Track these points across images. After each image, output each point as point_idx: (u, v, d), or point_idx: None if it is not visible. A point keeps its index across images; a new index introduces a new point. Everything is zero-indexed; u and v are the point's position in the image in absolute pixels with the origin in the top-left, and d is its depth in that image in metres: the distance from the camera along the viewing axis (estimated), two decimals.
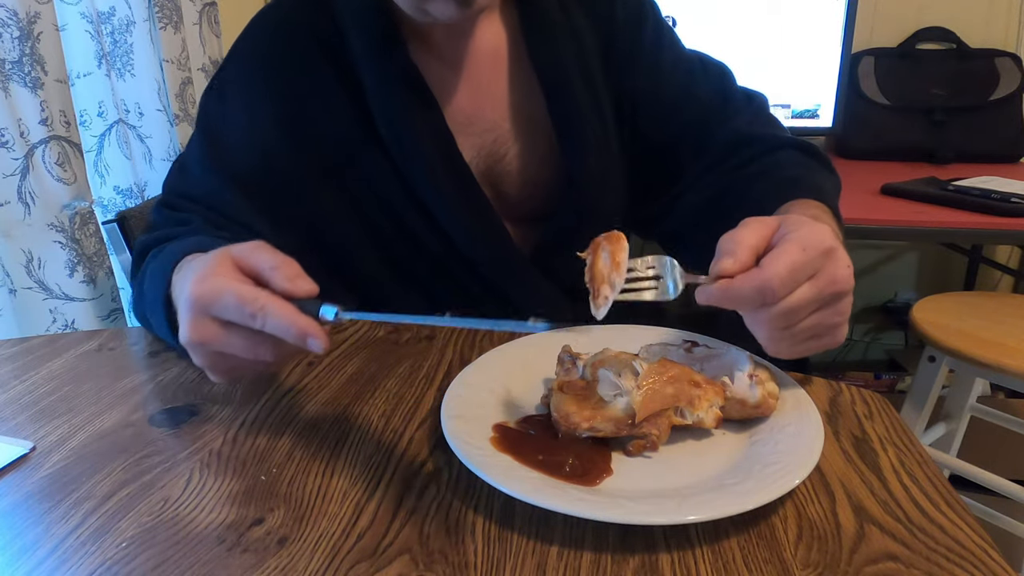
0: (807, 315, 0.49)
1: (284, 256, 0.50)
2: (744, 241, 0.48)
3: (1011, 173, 1.60)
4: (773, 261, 0.47)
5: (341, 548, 0.44)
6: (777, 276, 0.46)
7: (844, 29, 1.69)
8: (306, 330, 0.46)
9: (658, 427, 0.50)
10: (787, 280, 0.46)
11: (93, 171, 1.25)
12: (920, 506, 0.47)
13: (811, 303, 0.48)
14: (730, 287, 0.47)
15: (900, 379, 2.11)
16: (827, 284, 0.48)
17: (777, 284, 0.46)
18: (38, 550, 0.44)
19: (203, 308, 0.48)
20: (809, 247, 0.47)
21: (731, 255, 0.48)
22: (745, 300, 0.47)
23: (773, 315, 0.47)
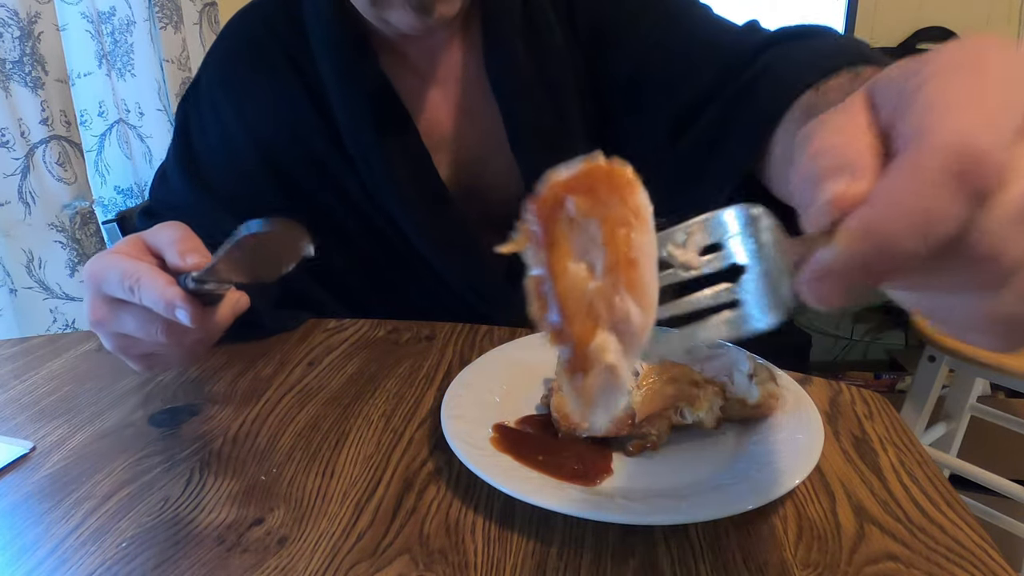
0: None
1: (186, 232, 0.48)
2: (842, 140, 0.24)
3: None
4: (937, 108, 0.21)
5: (341, 548, 0.44)
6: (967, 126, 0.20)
7: (844, 29, 1.69)
8: (173, 300, 0.44)
9: (658, 427, 0.51)
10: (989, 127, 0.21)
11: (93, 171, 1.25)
12: (920, 506, 0.47)
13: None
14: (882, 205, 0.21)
15: (900, 379, 2.11)
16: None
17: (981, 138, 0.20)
18: (38, 550, 0.44)
19: (96, 285, 0.48)
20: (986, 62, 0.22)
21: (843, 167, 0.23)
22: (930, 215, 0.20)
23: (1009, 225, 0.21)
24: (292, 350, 0.70)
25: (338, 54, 0.70)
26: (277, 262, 0.42)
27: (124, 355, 0.52)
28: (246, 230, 0.38)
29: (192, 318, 0.44)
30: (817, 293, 0.22)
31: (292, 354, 0.69)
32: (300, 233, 0.40)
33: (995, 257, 0.21)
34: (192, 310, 0.44)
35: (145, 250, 0.49)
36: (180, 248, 0.47)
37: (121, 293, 0.46)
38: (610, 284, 0.21)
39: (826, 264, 0.22)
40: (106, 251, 0.49)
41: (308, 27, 0.72)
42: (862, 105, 0.25)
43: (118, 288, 0.46)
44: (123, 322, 0.48)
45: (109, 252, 0.48)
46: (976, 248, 0.21)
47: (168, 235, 0.48)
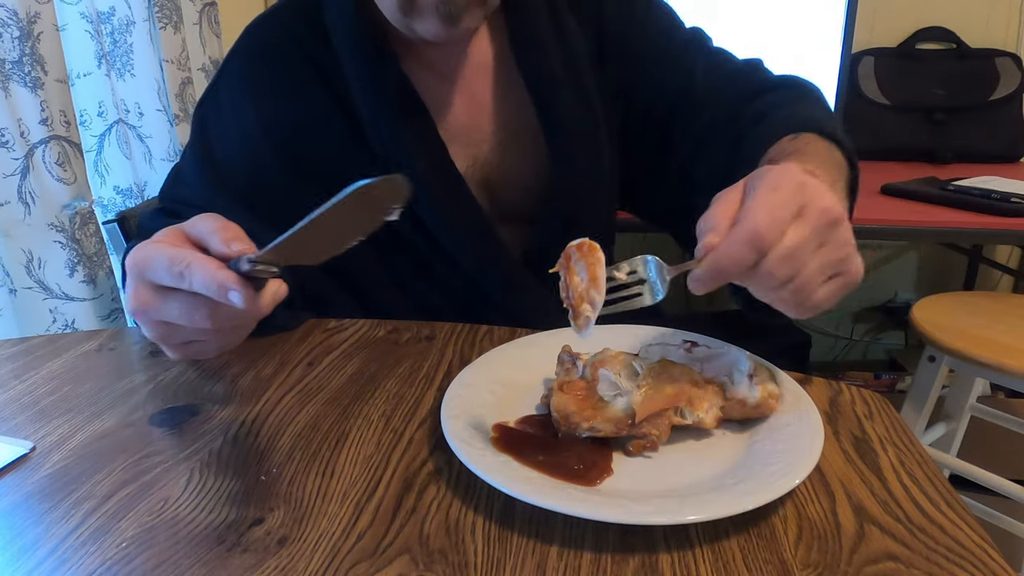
0: (811, 255, 0.45)
1: (227, 222, 0.49)
2: (718, 214, 0.46)
3: (1011, 173, 1.60)
4: (750, 211, 0.44)
5: (341, 548, 0.44)
6: (759, 220, 0.43)
7: (844, 29, 1.69)
8: (225, 282, 0.45)
9: (658, 427, 0.51)
10: (770, 221, 0.43)
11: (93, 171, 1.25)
12: (920, 506, 0.47)
13: (808, 240, 0.44)
14: (717, 253, 0.44)
15: (900, 379, 2.11)
16: (816, 215, 0.44)
17: (762, 227, 0.43)
18: (38, 550, 0.44)
19: (139, 274, 0.48)
20: (780, 186, 0.45)
21: (711, 230, 0.45)
22: (737, 260, 0.43)
23: (775, 266, 0.44)
24: (292, 350, 0.70)
25: (360, 56, 0.73)
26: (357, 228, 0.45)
27: (164, 343, 0.52)
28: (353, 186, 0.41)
29: (245, 300, 0.45)
30: (693, 287, 0.46)
31: (292, 354, 0.69)
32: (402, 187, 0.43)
33: (773, 277, 0.44)
34: (245, 292, 0.45)
35: (186, 240, 0.49)
36: (224, 236, 0.47)
37: (168, 279, 0.47)
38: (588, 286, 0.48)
39: (697, 275, 0.45)
40: (147, 241, 0.49)
41: (330, 29, 0.74)
42: (741, 189, 0.47)
43: (165, 274, 0.47)
44: (167, 309, 0.48)
45: (151, 242, 0.49)
46: (763, 272, 0.44)
47: (208, 225, 0.49)
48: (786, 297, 0.46)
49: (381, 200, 0.43)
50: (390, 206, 0.44)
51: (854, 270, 0.47)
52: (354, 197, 0.41)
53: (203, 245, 0.48)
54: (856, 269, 0.47)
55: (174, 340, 0.52)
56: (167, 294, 0.48)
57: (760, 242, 0.43)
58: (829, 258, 0.46)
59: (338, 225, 0.44)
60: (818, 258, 0.45)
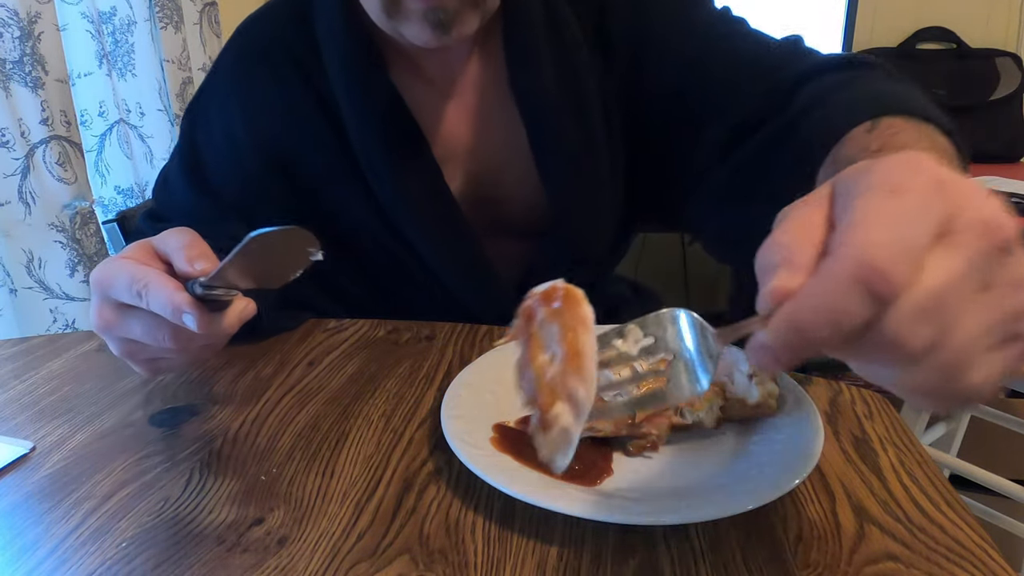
0: (969, 303, 0.26)
1: (194, 238, 0.48)
2: (792, 239, 0.28)
3: (1011, 173, 1.60)
4: (854, 229, 0.26)
5: (341, 548, 0.44)
6: (874, 245, 0.25)
7: (844, 29, 1.69)
8: (180, 306, 0.44)
9: (658, 427, 0.50)
10: (894, 246, 0.25)
11: (94, 171, 1.25)
12: (920, 506, 0.47)
13: (964, 278, 0.26)
14: (798, 305, 0.26)
15: None
16: (976, 236, 0.26)
17: (882, 257, 0.25)
18: (38, 550, 0.44)
19: (103, 291, 0.48)
20: (904, 187, 0.27)
21: (782, 265, 0.28)
22: (836, 314, 0.26)
23: (908, 325, 0.26)
24: (292, 350, 0.70)
25: (349, 66, 0.70)
26: (285, 267, 0.43)
27: (130, 360, 0.52)
28: (253, 234, 0.39)
29: (199, 324, 0.44)
30: (758, 361, 0.28)
31: (292, 354, 0.69)
32: (308, 238, 0.41)
33: (901, 345, 0.26)
34: (199, 316, 0.44)
35: (153, 255, 0.49)
36: (188, 254, 0.47)
37: (128, 298, 0.46)
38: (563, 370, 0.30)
39: (761, 342, 0.28)
40: (114, 256, 0.49)
41: (320, 38, 0.71)
42: (825, 199, 0.30)
43: (126, 293, 0.46)
44: (130, 327, 0.48)
45: (117, 258, 0.48)
46: (884, 337, 0.26)
47: (176, 240, 0.48)
48: (926, 380, 0.27)
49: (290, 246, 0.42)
50: (306, 249, 0.42)
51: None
52: (256, 244, 0.40)
53: (169, 261, 0.48)
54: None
55: (140, 356, 0.51)
56: (130, 312, 0.48)
57: (880, 283, 0.25)
58: (998, 310, 0.27)
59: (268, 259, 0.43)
60: (980, 311, 0.27)
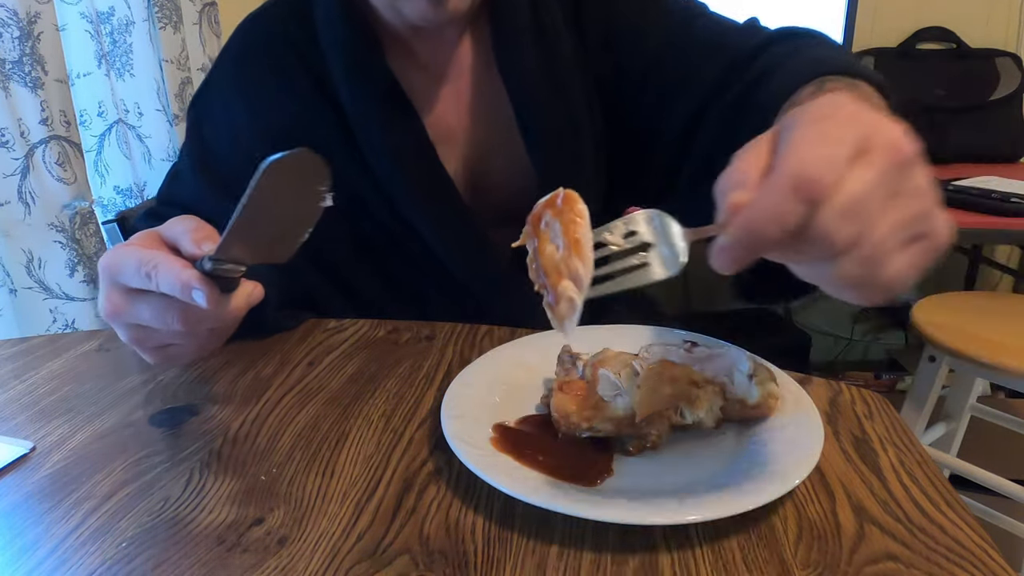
0: (881, 207, 0.32)
1: (201, 222, 0.49)
2: (744, 167, 0.35)
3: (1011, 173, 1.60)
4: (790, 150, 0.33)
5: (341, 548, 0.44)
6: (806, 159, 0.32)
7: (844, 29, 1.69)
8: (189, 282, 0.45)
9: (658, 427, 0.51)
10: (821, 159, 0.32)
11: (93, 171, 1.25)
12: (920, 506, 0.47)
13: (876, 186, 0.32)
14: (751, 211, 0.32)
15: (900, 379, 2.11)
16: (885, 152, 0.33)
17: (812, 168, 0.31)
18: (38, 550, 0.44)
19: (111, 277, 0.48)
20: (829, 115, 0.34)
21: (737, 186, 0.34)
22: (779, 216, 0.32)
23: (834, 222, 0.32)
24: (292, 350, 0.70)
25: (347, 53, 0.72)
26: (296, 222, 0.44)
27: (139, 347, 0.52)
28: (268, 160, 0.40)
29: (208, 300, 0.45)
30: (719, 262, 0.34)
31: (292, 354, 0.69)
32: (319, 164, 0.42)
33: (830, 240, 0.32)
34: (209, 291, 0.45)
35: (160, 242, 0.49)
36: (195, 236, 0.47)
37: (137, 282, 0.47)
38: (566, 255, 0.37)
39: (721, 244, 0.34)
40: (121, 244, 0.49)
41: (318, 27, 0.73)
42: (770, 136, 0.36)
43: (135, 276, 0.47)
44: (139, 312, 0.48)
45: (124, 245, 0.49)
46: (817, 233, 0.32)
47: (182, 226, 0.49)
48: (851, 271, 0.33)
49: (301, 179, 0.42)
50: (316, 187, 0.43)
51: (940, 229, 0.34)
52: (268, 175, 0.41)
53: (176, 246, 0.49)
54: (942, 228, 0.34)
55: (149, 343, 0.52)
56: (138, 296, 0.48)
57: (810, 189, 0.31)
58: (906, 212, 0.33)
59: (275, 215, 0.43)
60: (892, 212, 0.33)
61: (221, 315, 0.47)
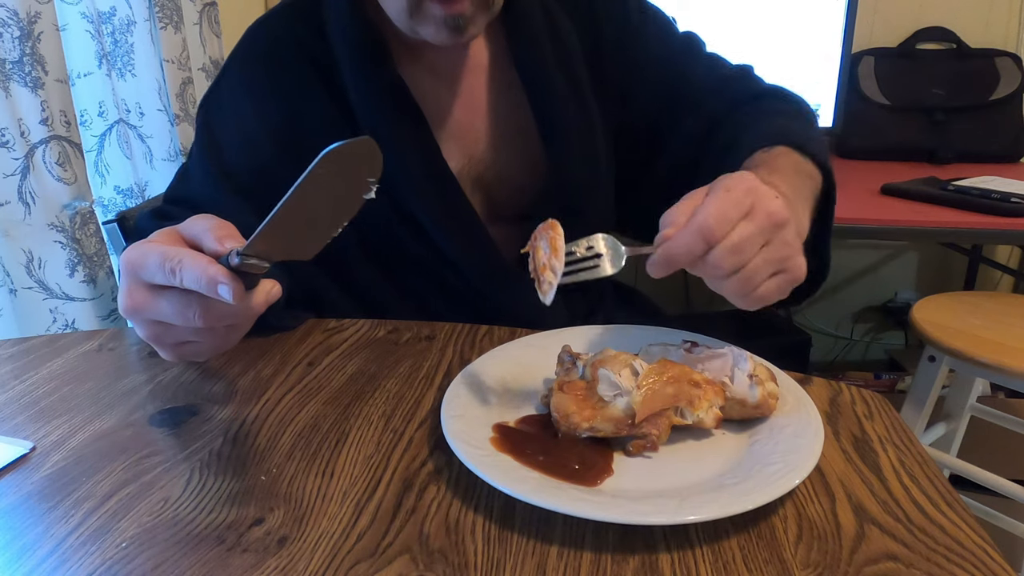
0: (756, 250, 0.49)
1: (221, 220, 0.49)
2: (680, 209, 0.51)
3: (1011, 173, 1.60)
4: (703, 207, 0.49)
5: (341, 548, 0.44)
6: (709, 214, 0.48)
7: (844, 29, 1.69)
8: (215, 276, 0.45)
9: (658, 427, 0.50)
10: (719, 216, 0.48)
11: (93, 171, 1.25)
12: (920, 506, 0.47)
13: (753, 236, 0.49)
14: (671, 242, 0.49)
15: (900, 379, 2.11)
16: (763, 217, 0.49)
17: (712, 221, 0.48)
18: (38, 550, 0.44)
19: (133, 273, 0.48)
20: (733, 188, 0.50)
21: (671, 224, 0.50)
22: (688, 249, 0.48)
23: (722, 256, 0.48)
24: (292, 350, 0.70)
25: (357, 57, 0.74)
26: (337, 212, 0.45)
27: (157, 343, 0.52)
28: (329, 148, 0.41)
29: (235, 295, 0.45)
30: (651, 271, 0.50)
31: (292, 354, 0.69)
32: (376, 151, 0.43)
33: (720, 267, 0.49)
34: (235, 287, 0.45)
35: (181, 240, 0.50)
36: (217, 234, 0.48)
37: (160, 277, 0.47)
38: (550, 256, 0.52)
39: (652, 260, 0.50)
40: (142, 241, 0.49)
41: (329, 31, 0.75)
42: (704, 190, 0.51)
43: (158, 272, 0.47)
44: (160, 307, 0.49)
45: (146, 242, 0.49)
46: (713, 261, 0.49)
47: (202, 224, 0.49)
48: (733, 286, 0.50)
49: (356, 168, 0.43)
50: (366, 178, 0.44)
51: (796, 268, 0.52)
52: (327, 163, 0.41)
53: (197, 244, 0.49)
54: (798, 267, 0.52)
55: (168, 340, 0.52)
56: (160, 292, 0.48)
57: (709, 234, 0.48)
58: (773, 255, 0.50)
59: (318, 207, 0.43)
60: (763, 254, 0.50)
61: (242, 312, 0.47)
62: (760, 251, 0.50)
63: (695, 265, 0.49)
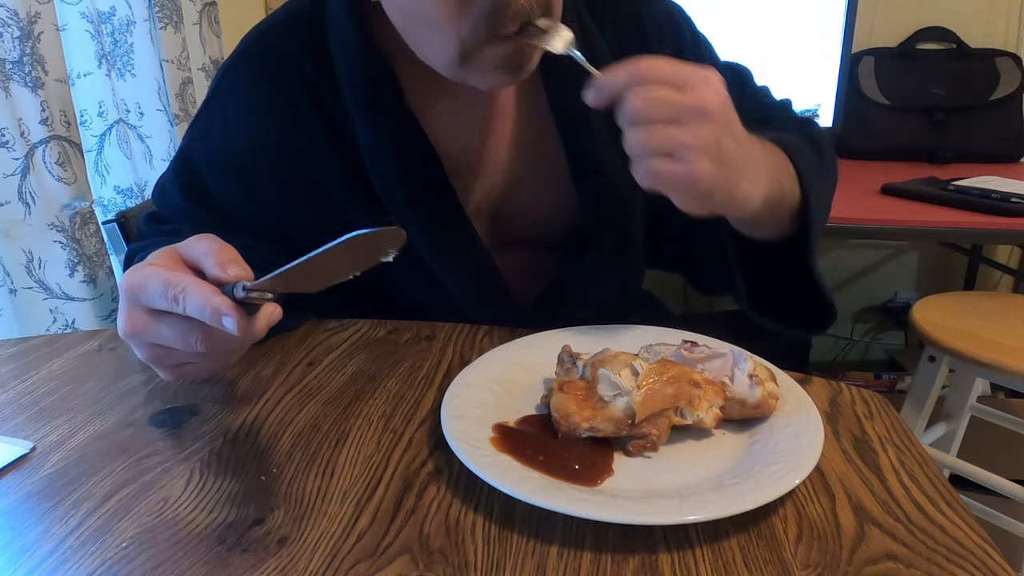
0: (665, 121, 0.48)
1: (222, 244, 0.49)
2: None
3: (1011, 173, 1.60)
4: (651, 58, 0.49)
5: (341, 548, 0.44)
6: (647, 61, 0.49)
7: (844, 29, 1.69)
8: (219, 308, 0.44)
9: (658, 427, 0.51)
10: (654, 68, 0.48)
11: (93, 171, 1.25)
12: (920, 506, 0.47)
13: (670, 105, 0.48)
14: (610, 70, 0.50)
15: (900, 379, 2.11)
16: (692, 95, 0.48)
17: (645, 66, 0.48)
18: (38, 550, 0.44)
19: (133, 297, 0.48)
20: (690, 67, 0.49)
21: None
22: (613, 76, 0.49)
23: (633, 103, 0.48)
24: (292, 350, 0.70)
25: (364, 94, 0.68)
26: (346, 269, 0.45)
27: (157, 365, 0.52)
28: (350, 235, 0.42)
29: (239, 327, 0.45)
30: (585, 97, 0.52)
31: (292, 354, 0.69)
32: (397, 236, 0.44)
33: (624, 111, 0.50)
34: (239, 319, 0.45)
35: (180, 262, 0.49)
36: (219, 259, 0.47)
37: (162, 303, 0.46)
38: None
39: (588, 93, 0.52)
40: (142, 264, 0.49)
41: (332, 55, 0.69)
42: None
43: (159, 298, 0.46)
44: (160, 332, 0.48)
45: (146, 264, 0.49)
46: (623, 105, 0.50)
47: (204, 247, 0.48)
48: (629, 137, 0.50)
49: (377, 245, 0.44)
50: (386, 250, 0.45)
51: (694, 167, 0.49)
52: (349, 243, 0.42)
53: (198, 267, 0.48)
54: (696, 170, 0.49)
55: (168, 362, 0.51)
56: (161, 317, 0.48)
57: (637, 74, 0.49)
58: (678, 138, 0.48)
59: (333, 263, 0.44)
60: (670, 130, 0.48)
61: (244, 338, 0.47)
62: (669, 124, 0.48)
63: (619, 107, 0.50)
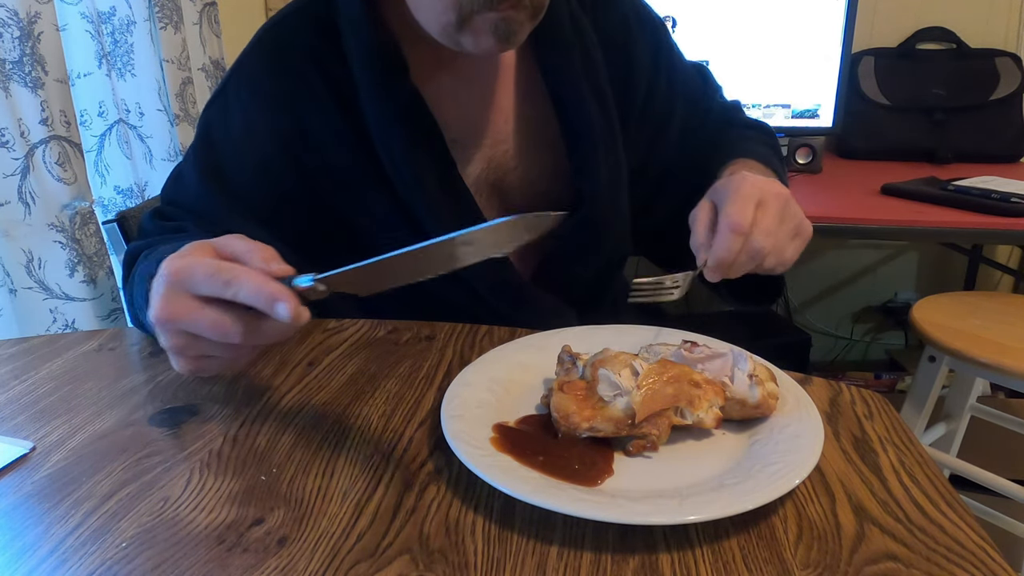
0: (779, 225, 0.63)
1: (260, 243, 0.50)
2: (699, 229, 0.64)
3: (1011, 173, 1.60)
4: (724, 215, 0.61)
5: (341, 548, 0.44)
6: (732, 214, 0.61)
7: (844, 29, 1.69)
8: (276, 294, 0.45)
9: (658, 427, 0.51)
10: (740, 212, 0.61)
11: (93, 171, 1.25)
12: (920, 506, 0.47)
13: (774, 216, 0.62)
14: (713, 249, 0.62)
15: (900, 379, 2.11)
16: (773, 198, 0.63)
17: (738, 218, 0.61)
18: (38, 550, 0.44)
19: (177, 282, 0.48)
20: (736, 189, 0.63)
21: (700, 247, 0.64)
22: (728, 247, 0.61)
23: (760, 241, 0.61)
24: (292, 350, 0.70)
25: (372, 71, 0.71)
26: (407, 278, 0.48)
27: (178, 354, 0.52)
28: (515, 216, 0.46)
29: (292, 314, 0.45)
30: (709, 277, 0.63)
31: (292, 354, 0.69)
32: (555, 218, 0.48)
33: (759, 248, 0.61)
34: (293, 306, 0.45)
35: (217, 255, 0.50)
36: (262, 255, 0.48)
37: (208, 289, 0.47)
38: None
39: (708, 268, 0.62)
40: (183, 252, 0.50)
41: (343, 35, 0.72)
42: (707, 206, 0.65)
43: (206, 283, 0.47)
44: (198, 320, 0.48)
45: (189, 253, 0.49)
46: (752, 247, 0.61)
47: (243, 245, 0.49)
48: (771, 262, 0.63)
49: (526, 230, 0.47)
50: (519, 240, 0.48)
51: (807, 228, 0.66)
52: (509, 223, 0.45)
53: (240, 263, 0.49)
54: (808, 227, 0.67)
55: (190, 352, 0.51)
56: (204, 305, 0.48)
57: (740, 229, 0.60)
58: (791, 224, 0.64)
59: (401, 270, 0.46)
60: (784, 226, 0.64)
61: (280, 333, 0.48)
62: (782, 224, 0.62)
63: (738, 259, 0.61)
